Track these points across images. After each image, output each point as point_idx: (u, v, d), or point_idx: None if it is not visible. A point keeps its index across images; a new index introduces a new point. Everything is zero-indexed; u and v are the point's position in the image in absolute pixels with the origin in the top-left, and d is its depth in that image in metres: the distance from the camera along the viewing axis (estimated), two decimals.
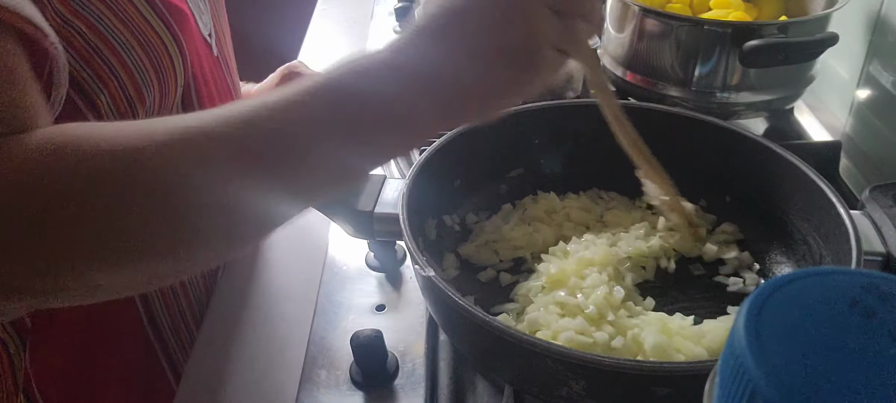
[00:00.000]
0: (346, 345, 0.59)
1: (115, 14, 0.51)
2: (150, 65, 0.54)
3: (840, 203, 0.58)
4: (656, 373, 0.45)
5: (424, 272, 0.53)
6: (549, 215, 0.71)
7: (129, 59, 0.52)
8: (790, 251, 0.65)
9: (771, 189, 0.66)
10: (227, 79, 0.70)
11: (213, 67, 0.66)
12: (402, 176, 0.70)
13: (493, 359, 0.54)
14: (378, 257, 0.70)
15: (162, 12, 0.55)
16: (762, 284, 0.25)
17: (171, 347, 0.66)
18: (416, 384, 0.58)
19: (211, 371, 0.62)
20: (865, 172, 0.85)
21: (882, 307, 0.23)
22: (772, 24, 0.82)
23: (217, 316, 0.68)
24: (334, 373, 0.60)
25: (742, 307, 0.23)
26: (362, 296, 0.68)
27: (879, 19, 0.85)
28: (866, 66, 0.88)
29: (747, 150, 0.68)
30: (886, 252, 0.57)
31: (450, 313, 0.53)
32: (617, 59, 0.93)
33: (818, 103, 0.97)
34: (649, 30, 0.87)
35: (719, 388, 0.23)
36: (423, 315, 0.64)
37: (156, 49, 0.54)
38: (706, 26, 0.83)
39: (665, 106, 0.75)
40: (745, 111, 0.89)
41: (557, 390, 0.48)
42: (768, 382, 0.21)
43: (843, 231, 0.56)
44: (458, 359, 0.60)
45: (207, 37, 0.66)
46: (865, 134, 0.88)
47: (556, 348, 0.47)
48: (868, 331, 0.22)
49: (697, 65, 0.85)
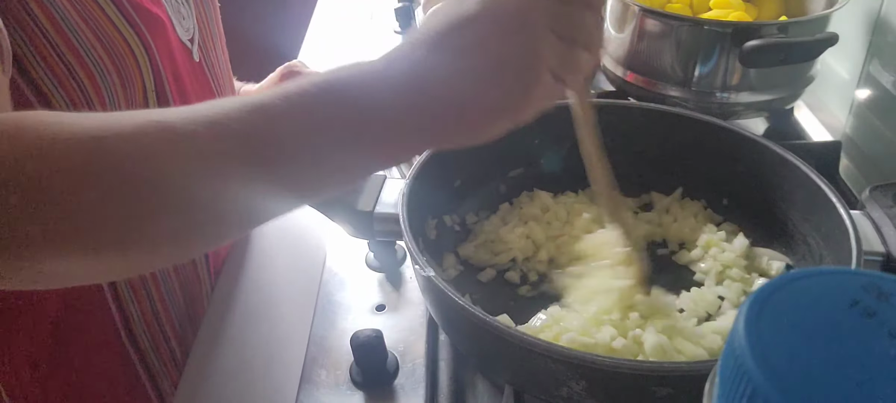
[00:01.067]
0: (346, 345, 0.59)
1: (79, 13, 0.51)
2: (113, 67, 0.53)
3: (840, 203, 0.58)
4: (656, 373, 0.45)
5: (424, 272, 0.53)
6: (544, 213, 0.71)
7: (89, 59, 0.51)
8: (790, 251, 0.65)
9: (771, 189, 0.66)
10: (211, 84, 0.69)
11: (193, 73, 0.65)
12: (402, 176, 0.70)
13: (493, 359, 0.54)
14: (378, 257, 0.70)
15: (131, 16, 0.54)
16: (762, 284, 0.25)
17: (148, 357, 0.65)
18: (416, 384, 0.58)
19: (211, 371, 0.62)
20: (865, 172, 0.85)
21: (882, 307, 0.23)
22: (772, 24, 0.82)
23: (217, 316, 0.68)
24: (334, 373, 0.60)
25: (742, 307, 0.23)
26: (362, 296, 0.68)
27: (879, 19, 0.85)
28: (866, 66, 0.88)
29: (747, 150, 0.68)
30: (886, 252, 0.57)
31: (450, 313, 0.53)
32: (617, 59, 0.93)
33: (818, 103, 0.97)
34: (649, 30, 0.87)
35: (719, 388, 0.23)
36: (423, 315, 0.64)
37: (120, 52, 0.53)
38: (706, 26, 0.83)
39: (665, 106, 0.75)
40: (745, 111, 0.89)
41: (557, 390, 0.48)
42: (768, 382, 0.21)
43: (843, 231, 0.56)
44: (458, 359, 0.60)
45: (188, 42, 0.65)
46: (865, 134, 0.88)
47: (557, 348, 0.47)
48: (868, 331, 0.22)
49: (697, 65, 0.85)
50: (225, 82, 0.74)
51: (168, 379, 0.67)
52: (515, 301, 0.64)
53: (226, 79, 0.75)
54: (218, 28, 0.74)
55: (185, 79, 0.63)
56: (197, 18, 0.67)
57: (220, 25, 0.76)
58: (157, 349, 0.65)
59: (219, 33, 0.74)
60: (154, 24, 0.57)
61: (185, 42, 0.65)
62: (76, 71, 0.51)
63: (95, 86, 0.53)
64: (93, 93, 0.53)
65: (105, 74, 0.53)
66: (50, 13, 0.49)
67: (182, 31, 0.64)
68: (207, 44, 0.70)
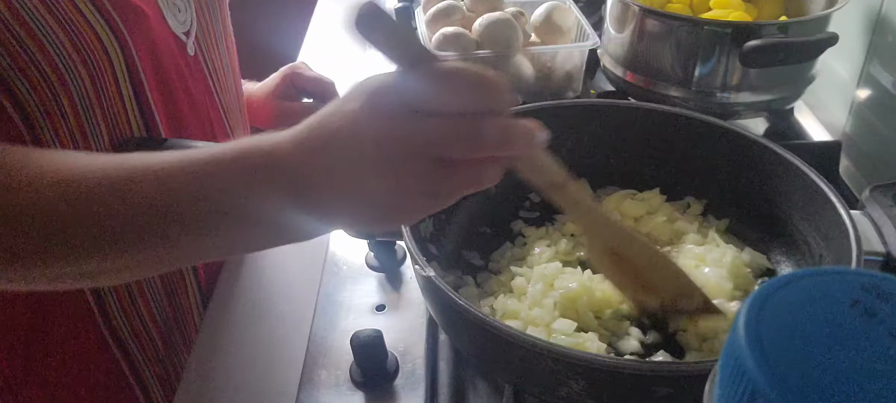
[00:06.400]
0: (346, 345, 0.59)
1: (43, 3, 0.50)
2: (78, 57, 0.53)
3: (840, 203, 0.58)
4: (656, 373, 0.45)
5: (424, 272, 0.53)
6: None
7: (52, 48, 0.51)
8: (790, 251, 0.65)
9: (771, 189, 0.66)
10: (208, 81, 0.69)
11: (186, 67, 0.65)
12: None
13: (493, 359, 0.54)
14: (378, 257, 0.70)
15: (103, 5, 0.54)
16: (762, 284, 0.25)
17: (128, 345, 0.65)
18: (416, 384, 0.58)
19: (211, 371, 0.62)
20: (865, 172, 0.85)
21: (882, 307, 0.23)
22: (772, 24, 0.82)
23: (217, 316, 0.68)
24: (334, 373, 0.60)
25: (742, 307, 0.23)
26: (362, 296, 0.68)
27: (879, 19, 0.85)
28: (866, 66, 0.88)
29: (747, 150, 0.68)
30: (886, 252, 0.57)
31: (450, 313, 0.53)
32: (617, 59, 0.93)
33: (818, 103, 0.97)
34: (649, 30, 0.87)
35: (719, 388, 0.23)
36: (423, 315, 0.64)
37: (87, 42, 0.53)
38: (706, 26, 0.83)
39: (665, 106, 0.75)
40: (745, 111, 0.89)
41: (557, 390, 0.48)
42: (768, 382, 0.21)
43: (843, 231, 0.56)
44: (458, 359, 0.60)
45: (182, 35, 0.64)
46: (865, 134, 0.88)
47: (557, 348, 0.47)
48: (868, 331, 0.22)
49: (697, 65, 0.85)
50: (228, 82, 0.73)
51: (149, 369, 0.67)
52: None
53: (229, 79, 0.74)
54: (224, 26, 0.73)
55: (172, 73, 0.63)
56: (197, 12, 0.67)
57: (228, 23, 0.75)
58: (136, 337, 0.65)
59: (224, 31, 0.73)
60: (132, 14, 0.56)
61: (180, 35, 0.64)
62: (38, 60, 0.51)
63: (60, 77, 0.52)
64: (57, 83, 0.52)
65: (70, 65, 0.52)
66: (10, 4, 0.48)
67: (175, 24, 0.63)
68: (208, 40, 0.69)
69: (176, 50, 0.63)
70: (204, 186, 0.41)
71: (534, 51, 0.92)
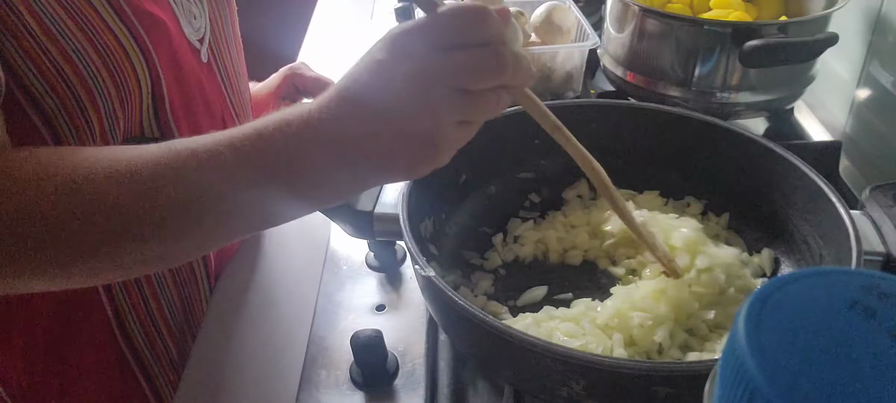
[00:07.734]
0: (346, 345, 0.59)
1: (72, 18, 0.50)
2: (107, 72, 0.53)
3: (840, 203, 0.58)
4: (656, 373, 0.45)
5: (424, 272, 0.53)
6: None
7: (81, 64, 0.51)
8: (790, 251, 0.65)
9: (771, 189, 0.66)
10: (221, 86, 0.68)
11: (201, 74, 0.65)
12: None
13: (493, 359, 0.54)
14: (378, 257, 0.70)
15: (129, 19, 0.54)
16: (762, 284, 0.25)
17: (143, 355, 0.65)
18: (416, 384, 0.59)
19: (211, 371, 0.62)
20: (865, 172, 0.85)
21: (882, 307, 0.23)
22: (772, 24, 0.82)
23: (217, 316, 0.68)
24: (334, 373, 0.60)
25: (742, 307, 0.23)
26: (362, 296, 0.68)
27: (879, 19, 0.85)
28: (866, 66, 0.88)
29: (747, 150, 0.68)
30: (886, 252, 0.57)
31: (450, 313, 0.53)
32: (617, 58, 0.93)
33: (818, 103, 0.97)
34: (649, 30, 0.87)
35: (719, 388, 0.23)
36: (423, 315, 0.64)
37: (115, 56, 0.53)
38: (706, 26, 0.83)
39: (665, 106, 0.75)
40: (745, 111, 0.89)
41: (557, 390, 0.48)
42: (768, 382, 0.21)
43: (843, 231, 0.56)
44: (458, 359, 0.60)
45: (196, 42, 0.64)
46: (865, 134, 0.88)
47: (557, 348, 0.47)
48: (868, 331, 0.22)
49: (697, 65, 0.85)
50: (239, 85, 0.73)
51: (164, 377, 0.67)
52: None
53: (240, 83, 0.74)
54: (233, 30, 0.73)
55: (190, 80, 0.63)
56: (210, 18, 0.67)
57: (237, 27, 0.75)
58: (152, 346, 0.65)
59: (234, 35, 0.73)
60: (154, 26, 0.57)
61: (194, 42, 0.64)
62: (68, 76, 0.51)
63: (88, 92, 0.52)
64: (85, 99, 0.52)
65: (97, 79, 0.52)
66: (37, 15, 0.48)
67: (191, 31, 0.63)
68: (220, 45, 0.69)
69: (192, 58, 0.63)
70: (251, 156, 0.44)
71: (534, 51, 0.92)
